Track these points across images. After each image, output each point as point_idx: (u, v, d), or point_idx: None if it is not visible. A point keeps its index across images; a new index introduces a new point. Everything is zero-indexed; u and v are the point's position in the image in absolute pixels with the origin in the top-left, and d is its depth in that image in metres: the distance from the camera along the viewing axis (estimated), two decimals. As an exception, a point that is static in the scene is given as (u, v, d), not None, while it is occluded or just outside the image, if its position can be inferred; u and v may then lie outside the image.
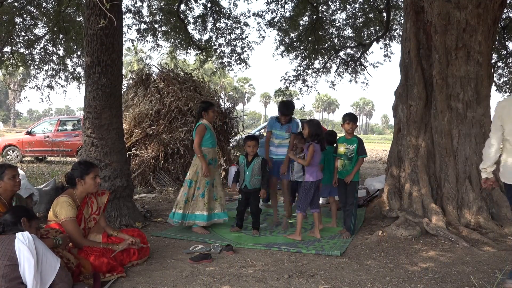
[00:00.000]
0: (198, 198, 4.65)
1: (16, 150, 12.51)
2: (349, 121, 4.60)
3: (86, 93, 4.77)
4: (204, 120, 4.75)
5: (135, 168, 7.41)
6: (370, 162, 15.54)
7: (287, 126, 5.05)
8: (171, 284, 3.12)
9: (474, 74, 4.99)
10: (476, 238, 4.28)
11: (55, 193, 4.96)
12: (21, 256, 2.32)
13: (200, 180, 4.66)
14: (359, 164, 4.56)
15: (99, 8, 4.29)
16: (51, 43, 9.93)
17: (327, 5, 10.60)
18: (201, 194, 4.65)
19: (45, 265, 2.40)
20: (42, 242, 2.50)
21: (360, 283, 3.18)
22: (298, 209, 4.48)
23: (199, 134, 4.62)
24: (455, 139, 5.02)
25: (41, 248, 2.43)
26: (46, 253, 2.46)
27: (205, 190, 4.65)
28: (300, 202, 4.53)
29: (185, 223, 4.65)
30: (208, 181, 4.67)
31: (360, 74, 12.36)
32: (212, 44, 10.41)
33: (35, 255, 2.35)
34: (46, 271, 2.39)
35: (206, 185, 4.66)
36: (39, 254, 2.39)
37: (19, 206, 2.93)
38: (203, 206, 4.62)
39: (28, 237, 2.39)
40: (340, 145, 4.70)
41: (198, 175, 4.66)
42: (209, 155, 4.70)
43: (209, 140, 4.71)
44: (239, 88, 69.67)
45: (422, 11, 5.26)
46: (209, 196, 4.67)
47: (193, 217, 4.64)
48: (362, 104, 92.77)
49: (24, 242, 2.35)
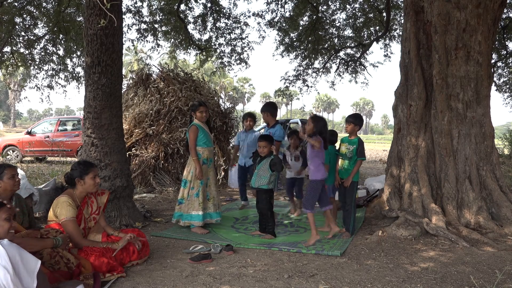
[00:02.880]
0: (192, 198, 4.67)
1: (16, 150, 12.51)
2: (350, 122, 4.63)
3: (86, 93, 4.77)
4: (195, 121, 4.77)
5: (135, 168, 7.41)
6: (370, 162, 15.55)
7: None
8: (171, 284, 3.11)
9: (474, 74, 4.99)
10: (476, 238, 4.28)
11: (55, 193, 4.94)
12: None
13: (194, 180, 4.67)
14: (357, 166, 4.55)
15: (99, 8, 4.29)
16: (51, 43, 9.93)
17: (327, 5, 10.60)
18: (195, 193, 4.66)
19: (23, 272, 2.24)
20: (15, 246, 2.30)
21: (360, 283, 3.18)
22: (306, 208, 4.28)
23: (191, 136, 4.64)
24: (455, 139, 5.02)
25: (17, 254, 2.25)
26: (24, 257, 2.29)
27: (199, 189, 4.65)
28: (307, 200, 4.32)
29: (181, 222, 4.68)
30: (202, 181, 4.67)
31: (360, 74, 12.39)
32: (212, 44, 10.41)
33: (11, 269, 2.17)
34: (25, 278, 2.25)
35: (200, 184, 4.66)
36: (16, 263, 2.22)
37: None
38: (198, 206, 4.63)
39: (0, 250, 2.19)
40: (342, 144, 4.73)
41: (192, 174, 4.67)
42: (203, 155, 4.69)
43: (203, 140, 4.70)
44: (239, 88, 69.67)
45: (422, 11, 5.26)
46: (203, 195, 4.68)
47: (189, 217, 4.66)
48: (362, 104, 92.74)
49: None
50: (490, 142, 5.05)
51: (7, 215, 2.50)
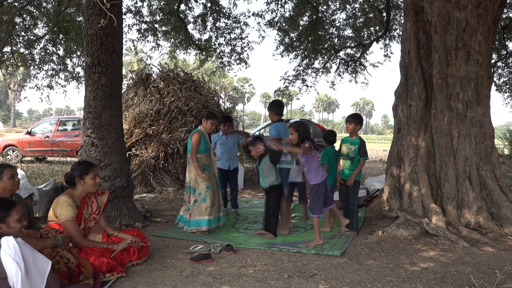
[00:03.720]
0: (200, 204, 4.63)
1: (16, 150, 12.51)
2: (351, 122, 4.63)
3: (86, 93, 4.77)
4: (201, 127, 4.78)
5: (135, 168, 7.41)
6: (370, 162, 15.54)
7: None
8: (171, 284, 3.11)
9: (474, 74, 4.99)
10: (476, 238, 4.28)
11: (55, 193, 4.96)
12: (7, 269, 2.16)
13: (199, 186, 4.64)
14: (360, 166, 4.57)
15: (99, 8, 4.29)
16: (51, 43, 9.93)
17: (327, 5, 10.60)
18: (202, 199, 4.63)
19: (34, 272, 2.24)
20: (28, 246, 2.30)
21: (360, 283, 3.18)
22: (313, 213, 4.25)
23: (194, 142, 4.63)
24: (455, 139, 5.01)
25: (29, 253, 2.25)
26: (36, 257, 2.30)
27: (207, 194, 4.63)
28: (313, 205, 4.26)
29: (188, 229, 4.64)
30: (208, 185, 4.64)
31: (360, 74, 12.38)
32: (212, 43, 10.41)
33: (22, 266, 2.17)
34: (35, 279, 2.24)
35: (206, 189, 4.63)
36: (28, 261, 2.22)
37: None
38: (205, 211, 4.60)
39: (14, 246, 2.18)
40: (343, 145, 4.72)
41: (197, 181, 4.65)
42: (201, 161, 4.69)
43: (201, 148, 4.70)
44: (239, 88, 69.69)
45: (422, 11, 5.26)
46: (211, 200, 4.64)
47: (195, 224, 4.61)
48: (362, 104, 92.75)
49: (11, 254, 2.16)
50: (490, 142, 5.05)
51: (19, 216, 2.52)
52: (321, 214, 4.26)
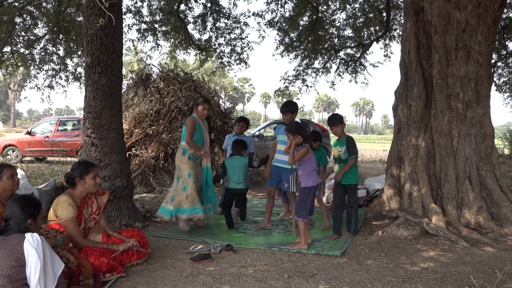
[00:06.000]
0: (180, 192, 4.58)
1: (16, 150, 12.51)
2: (336, 125, 4.56)
3: (86, 93, 4.77)
4: (194, 115, 4.75)
5: (135, 168, 7.40)
6: (370, 162, 15.55)
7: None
8: (171, 284, 3.11)
9: (474, 74, 4.99)
10: (476, 238, 4.27)
11: (55, 193, 4.95)
12: (29, 258, 2.27)
13: (182, 174, 4.61)
14: (349, 164, 4.46)
15: (99, 8, 4.29)
16: (51, 43, 9.92)
17: (327, 5, 10.60)
18: (183, 187, 4.59)
19: (49, 269, 2.34)
20: (48, 245, 2.44)
21: (360, 283, 3.18)
22: (298, 216, 4.12)
23: (188, 128, 4.59)
24: (455, 139, 5.01)
25: (48, 251, 2.38)
26: (53, 256, 2.41)
27: (187, 183, 4.57)
28: (299, 208, 4.13)
29: (172, 218, 4.59)
30: (190, 173, 4.58)
31: (360, 74, 12.37)
32: (212, 44, 10.41)
33: (42, 258, 2.29)
34: (50, 276, 2.34)
35: (188, 177, 4.57)
36: (46, 257, 2.34)
37: (26, 198, 2.67)
38: (186, 199, 4.54)
39: (37, 240, 2.32)
40: (334, 149, 4.69)
41: (180, 169, 4.64)
42: (190, 151, 4.63)
43: (195, 136, 4.64)
44: (239, 88, 69.71)
45: (422, 11, 5.26)
46: (191, 189, 4.56)
47: (178, 211, 4.54)
48: (362, 104, 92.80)
49: (33, 245, 2.28)
50: (490, 142, 5.05)
51: (42, 215, 2.65)
52: (306, 219, 4.11)
